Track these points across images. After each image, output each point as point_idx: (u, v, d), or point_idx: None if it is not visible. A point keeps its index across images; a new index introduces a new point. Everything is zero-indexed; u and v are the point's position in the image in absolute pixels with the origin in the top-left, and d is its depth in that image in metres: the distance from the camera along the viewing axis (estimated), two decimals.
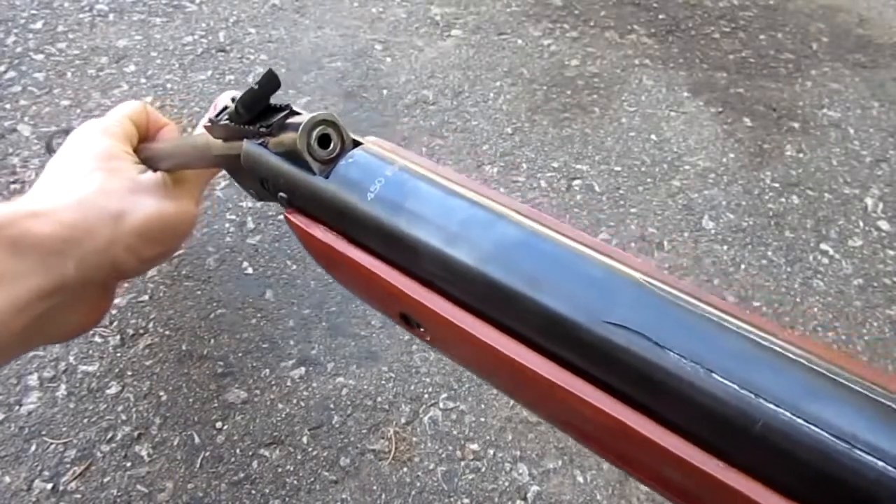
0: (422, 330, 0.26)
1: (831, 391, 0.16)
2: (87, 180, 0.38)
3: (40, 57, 0.71)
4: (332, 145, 0.27)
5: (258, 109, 0.29)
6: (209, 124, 0.32)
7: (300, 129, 0.26)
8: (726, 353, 0.17)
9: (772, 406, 0.16)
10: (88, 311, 0.41)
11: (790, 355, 0.17)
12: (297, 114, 0.29)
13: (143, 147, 0.44)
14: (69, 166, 0.40)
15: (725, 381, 0.17)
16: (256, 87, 0.28)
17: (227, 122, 0.30)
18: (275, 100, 0.29)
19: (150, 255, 0.41)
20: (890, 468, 0.14)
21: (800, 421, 0.16)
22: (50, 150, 0.48)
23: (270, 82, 0.28)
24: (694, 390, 0.17)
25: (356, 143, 0.28)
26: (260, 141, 0.29)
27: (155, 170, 0.42)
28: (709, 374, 0.17)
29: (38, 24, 0.75)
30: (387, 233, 0.24)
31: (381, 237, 0.25)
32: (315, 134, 0.26)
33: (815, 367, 0.17)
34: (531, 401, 0.23)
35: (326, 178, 0.26)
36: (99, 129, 0.43)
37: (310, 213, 0.28)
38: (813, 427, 0.16)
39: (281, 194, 0.29)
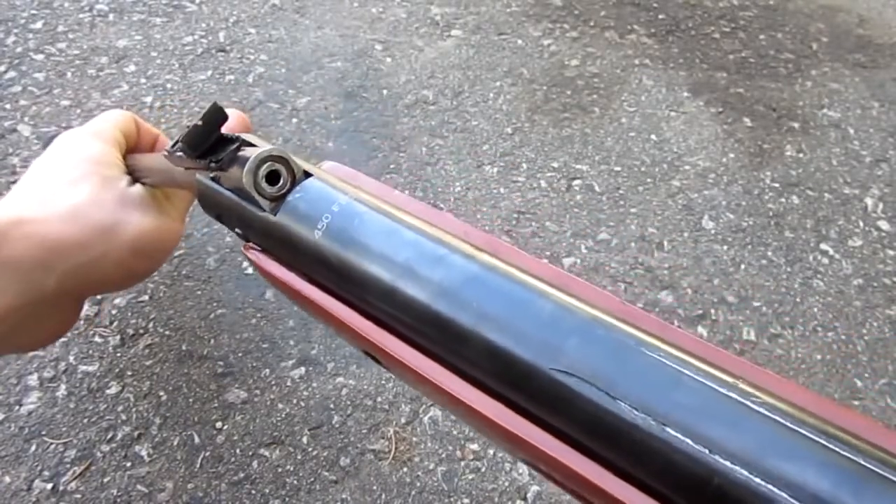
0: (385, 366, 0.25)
1: (792, 447, 0.15)
2: (80, 188, 0.36)
3: (40, 57, 0.71)
4: (281, 181, 0.26)
5: (207, 144, 0.28)
6: (167, 153, 0.31)
7: (246, 167, 0.25)
8: (680, 405, 0.16)
9: (727, 463, 0.15)
10: (57, 323, 0.39)
11: (751, 405, 0.16)
12: (250, 145, 0.28)
13: (129, 157, 0.42)
14: (59, 169, 0.37)
15: (679, 436, 0.16)
16: (200, 122, 0.27)
17: (180, 154, 0.29)
18: (275, 100, 0.29)
19: (139, 270, 0.40)
20: None
21: (757, 480, 0.15)
22: None
23: (215, 115, 0.27)
24: (647, 444, 0.16)
25: (307, 174, 0.26)
26: (212, 175, 0.28)
27: (141, 183, 0.40)
28: (662, 427, 0.16)
29: (38, 24, 0.75)
30: (335, 270, 0.23)
31: (331, 273, 0.24)
32: (262, 171, 0.25)
33: (777, 419, 0.16)
34: (492, 440, 0.22)
35: (275, 214, 0.25)
36: (90, 132, 0.40)
37: (264, 248, 0.27)
38: (770, 487, 0.15)
39: (236, 230, 0.28)
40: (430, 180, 0.67)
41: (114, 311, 0.52)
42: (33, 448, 0.45)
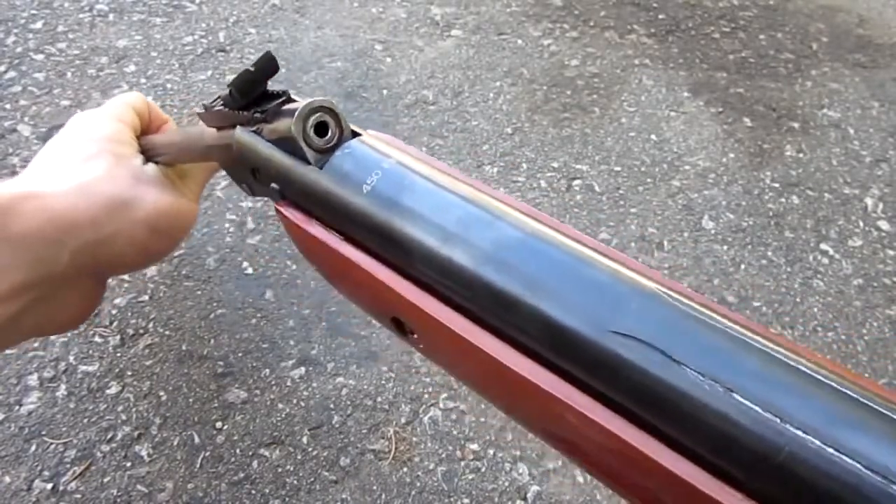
0: (415, 337, 0.24)
1: (865, 418, 0.14)
2: (94, 164, 0.35)
3: (40, 57, 0.71)
4: (329, 134, 0.25)
5: (254, 94, 0.27)
6: (202, 111, 0.31)
7: (296, 114, 0.24)
8: (748, 371, 0.16)
9: (799, 433, 0.14)
10: (78, 304, 0.37)
11: (820, 377, 0.15)
12: (295, 101, 0.27)
13: (143, 139, 0.42)
14: (72, 147, 0.36)
15: (747, 403, 0.15)
16: (252, 69, 0.26)
17: (220, 107, 0.28)
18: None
19: (155, 249, 0.39)
20: None
21: (830, 450, 0.14)
22: None
23: (267, 65, 0.26)
24: (711, 412, 0.15)
25: (355, 135, 0.26)
26: (254, 128, 0.28)
27: (155, 162, 0.39)
28: (728, 393, 0.15)
29: (38, 24, 0.75)
30: (381, 229, 0.22)
31: (375, 233, 0.23)
32: (312, 121, 0.25)
33: (847, 392, 0.15)
34: (527, 416, 0.20)
35: (321, 168, 0.25)
36: (106, 112, 0.40)
37: (302, 205, 0.26)
38: (845, 458, 0.14)
39: (273, 185, 0.27)
40: None
41: (114, 311, 0.52)
42: (33, 448, 0.45)
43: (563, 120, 0.76)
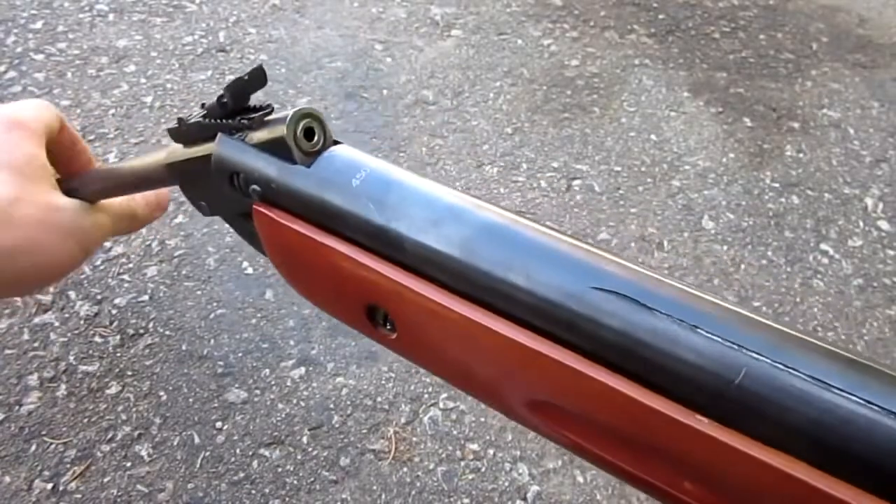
0: (388, 328, 0.26)
1: (804, 344, 0.18)
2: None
3: (40, 57, 0.71)
4: (316, 138, 0.28)
5: (242, 103, 0.29)
6: (177, 125, 0.32)
7: (288, 118, 0.27)
8: (707, 313, 0.20)
9: (753, 355, 0.18)
10: None
11: (762, 319, 0.19)
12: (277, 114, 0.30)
13: (72, 179, 0.38)
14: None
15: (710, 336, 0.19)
16: (246, 77, 0.29)
17: (199, 119, 0.30)
18: (275, 100, 0.29)
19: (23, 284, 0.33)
20: (862, 401, 0.16)
21: (779, 366, 0.17)
22: None
23: (259, 77, 0.29)
24: (678, 347, 0.19)
25: (337, 142, 0.29)
26: (237, 136, 0.30)
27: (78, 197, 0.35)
28: (693, 329, 0.19)
29: (38, 24, 0.75)
30: (369, 221, 0.25)
31: (362, 225, 0.25)
32: (302, 125, 0.27)
33: (786, 330, 0.19)
34: (514, 388, 0.23)
35: (308, 167, 0.27)
36: (21, 130, 0.33)
37: (281, 205, 0.28)
38: (791, 371, 0.17)
39: (253, 187, 0.29)
40: None
41: (114, 311, 0.52)
42: (33, 448, 0.45)
43: (563, 120, 0.76)
